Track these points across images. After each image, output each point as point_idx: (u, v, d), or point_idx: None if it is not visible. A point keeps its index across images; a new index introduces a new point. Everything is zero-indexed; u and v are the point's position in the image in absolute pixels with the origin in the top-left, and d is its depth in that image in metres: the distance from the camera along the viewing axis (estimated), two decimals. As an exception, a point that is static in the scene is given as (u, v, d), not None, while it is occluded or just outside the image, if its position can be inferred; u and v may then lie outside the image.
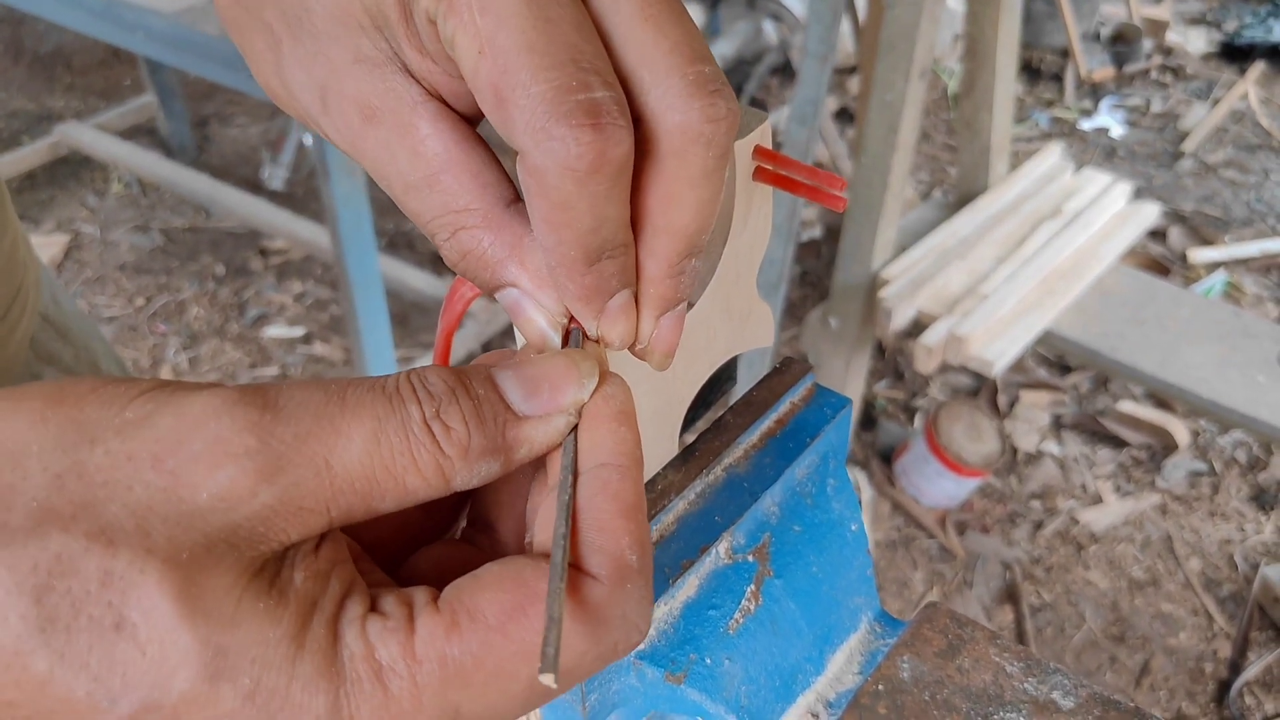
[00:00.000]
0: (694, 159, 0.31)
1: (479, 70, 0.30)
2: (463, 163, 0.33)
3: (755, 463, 0.45)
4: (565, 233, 0.31)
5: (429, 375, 0.29)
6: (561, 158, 0.29)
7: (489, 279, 0.34)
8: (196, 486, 0.26)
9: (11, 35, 3.82)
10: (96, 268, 2.90)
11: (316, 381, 0.29)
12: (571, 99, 0.29)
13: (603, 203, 0.31)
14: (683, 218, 0.32)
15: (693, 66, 0.31)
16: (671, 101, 0.31)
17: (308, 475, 0.27)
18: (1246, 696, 1.96)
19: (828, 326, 2.18)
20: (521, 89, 0.29)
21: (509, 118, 0.30)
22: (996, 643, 0.43)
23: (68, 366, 0.75)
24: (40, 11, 2.06)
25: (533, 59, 0.29)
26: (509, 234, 0.33)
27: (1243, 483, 2.37)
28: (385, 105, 0.32)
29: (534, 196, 0.31)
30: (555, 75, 0.29)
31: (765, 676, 0.41)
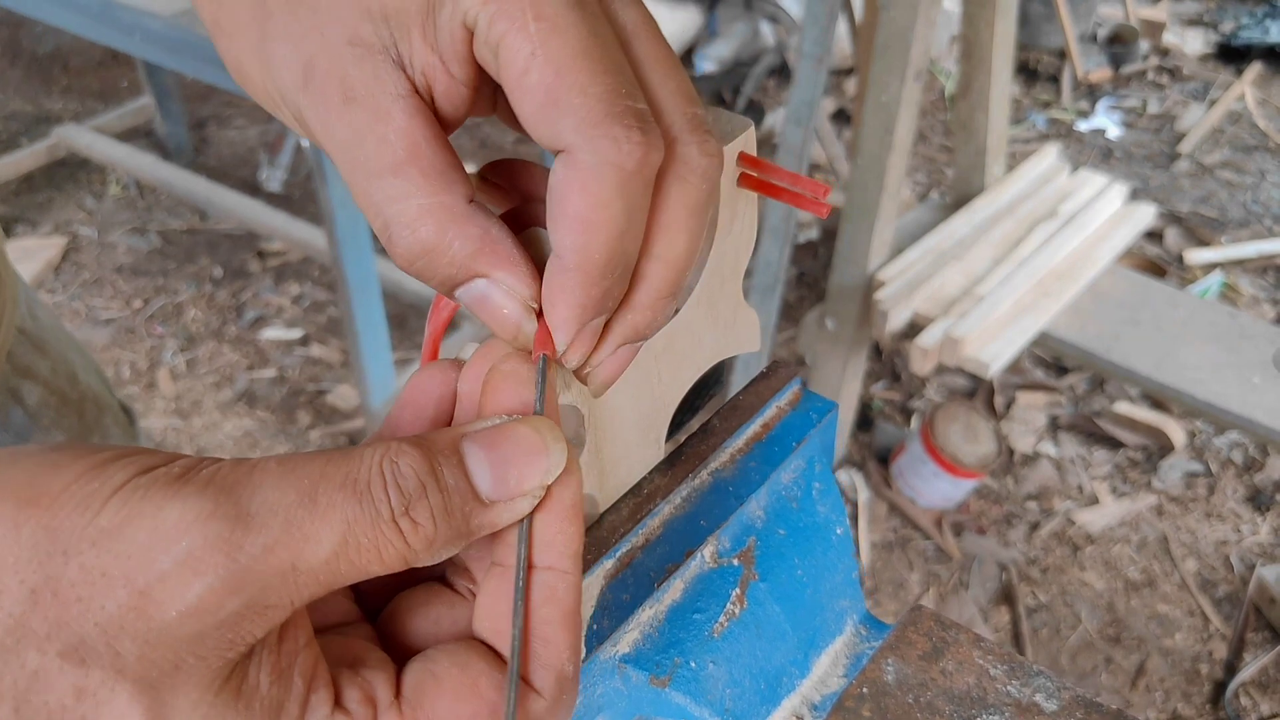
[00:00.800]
0: (693, 188, 0.34)
1: (530, 70, 0.31)
2: (431, 158, 0.33)
3: (741, 467, 0.45)
4: (596, 235, 0.32)
5: (401, 465, 0.30)
6: (613, 155, 0.31)
7: (454, 274, 0.34)
8: (166, 604, 0.26)
9: (9, 37, 3.82)
10: (94, 270, 2.90)
11: (291, 471, 0.29)
12: (622, 103, 0.32)
13: (634, 211, 0.33)
14: (677, 247, 0.34)
15: (692, 108, 0.34)
16: (679, 134, 0.34)
17: (274, 581, 0.28)
18: (1242, 697, 1.96)
19: (824, 328, 2.19)
20: (578, 89, 0.31)
21: (558, 116, 0.31)
22: (980, 645, 0.43)
23: (45, 379, 0.75)
24: (38, 14, 2.06)
25: (589, 64, 0.31)
26: (475, 227, 0.33)
27: (1239, 484, 2.37)
28: (367, 90, 0.33)
29: (571, 196, 0.32)
30: (609, 80, 0.32)
31: (750, 679, 0.42)
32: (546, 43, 0.31)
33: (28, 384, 0.73)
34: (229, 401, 2.51)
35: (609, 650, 0.39)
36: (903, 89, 1.88)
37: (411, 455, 0.30)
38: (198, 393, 2.54)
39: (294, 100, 0.35)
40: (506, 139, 3.38)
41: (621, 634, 0.40)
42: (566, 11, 0.31)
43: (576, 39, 0.31)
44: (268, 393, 2.53)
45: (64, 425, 0.76)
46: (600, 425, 0.40)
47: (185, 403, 2.51)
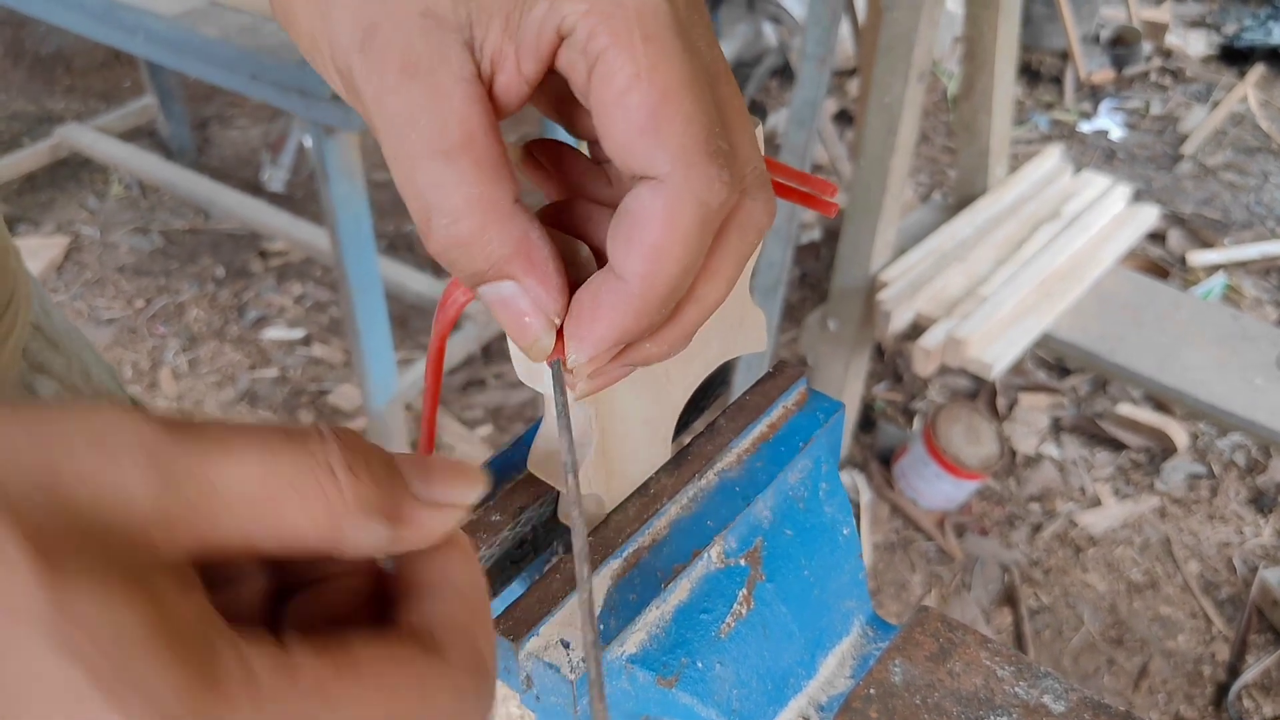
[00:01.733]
0: (748, 241, 0.35)
1: (632, 91, 0.31)
2: (485, 149, 0.32)
3: (748, 467, 0.45)
4: (667, 266, 0.32)
5: (340, 429, 0.29)
6: (704, 191, 0.31)
7: (485, 271, 0.33)
8: (74, 486, 0.24)
9: (12, 37, 3.83)
10: (96, 270, 2.90)
11: (219, 420, 0.27)
12: (716, 143, 0.32)
13: (704, 247, 0.33)
14: (717, 293, 0.35)
15: (761, 162, 0.35)
16: (749, 185, 0.34)
17: (190, 492, 0.26)
18: (1245, 699, 1.96)
19: (827, 329, 2.18)
20: (684, 119, 0.31)
21: (657, 143, 0.31)
22: (987, 647, 0.43)
23: (60, 375, 0.75)
24: (41, 14, 2.06)
25: (692, 95, 0.31)
26: (515, 228, 0.33)
27: (1241, 485, 2.37)
28: (430, 66, 0.32)
29: (653, 223, 0.32)
30: (709, 116, 0.32)
31: (757, 680, 0.42)
32: (654, 66, 0.31)
33: (42, 379, 0.73)
34: (231, 401, 2.51)
35: (616, 650, 0.39)
36: (905, 90, 1.88)
37: (346, 429, 0.29)
38: (200, 392, 2.54)
39: (346, 58, 0.33)
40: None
41: (628, 634, 0.39)
42: (673, 38, 0.31)
43: (681, 67, 0.31)
44: (270, 393, 2.53)
45: None
46: (608, 425, 0.40)
47: (187, 402, 2.51)
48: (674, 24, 0.31)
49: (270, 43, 1.76)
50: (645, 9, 0.31)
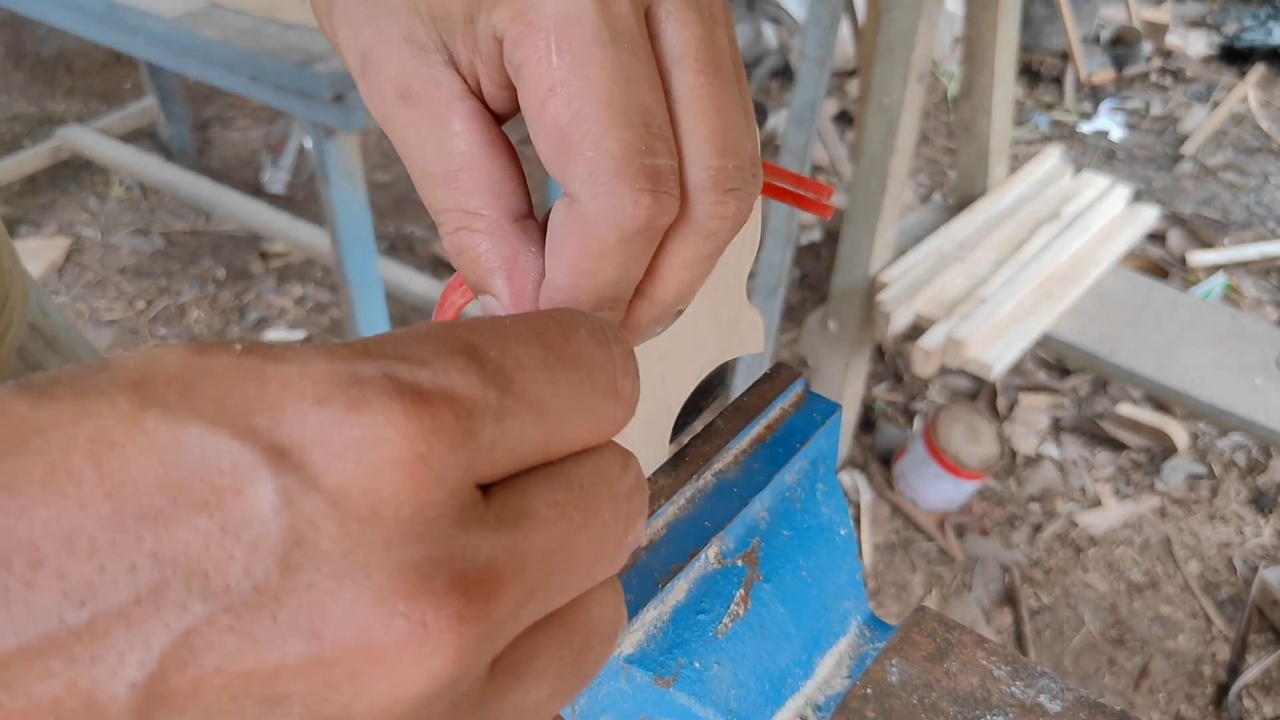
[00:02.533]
0: (693, 246, 0.33)
1: (546, 108, 0.30)
2: (484, 166, 0.33)
3: (745, 468, 0.45)
4: (586, 281, 0.32)
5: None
6: (615, 216, 0.30)
7: (475, 282, 0.35)
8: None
9: (13, 39, 3.83)
10: (97, 271, 2.91)
11: None
12: (638, 162, 0.30)
13: (631, 263, 0.32)
14: (666, 294, 0.34)
15: (720, 160, 0.32)
16: (695, 190, 0.32)
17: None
18: (1245, 699, 1.96)
19: (827, 329, 2.19)
20: (591, 141, 0.30)
21: (569, 162, 0.30)
22: (984, 647, 0.43)
23: None
24: (41, 16, 2.06)
25: (608, 115, 0.30)
26: (507, 247, 0.33)
27: (1241, 486, 2.37)
28: (424, 91, 0.33)
29: (569, 240, 0.31)
30: (627, 135, 0.30)
31: (754, 680, 0.42)
32: (566, 81, 0.30)
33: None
34: (232, 403, 2.51)
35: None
36: (905, 91, 1.88)
37: None
38: (201, 394, 2.54)
39: (356, 82, 0.35)
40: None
41: (625, 634, 0.40)
42: (594, 48, 0.30)
43: (600, 81, 0.30)
44: (270, 394, 2.53)
45: None
46: (605, 426, 0.40)
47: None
48: (599, 29, 0.30)
49: (270, 45, 1.76)
50: (565, 17, 0.30)
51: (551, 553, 0.23)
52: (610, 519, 0.25)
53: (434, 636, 0.21)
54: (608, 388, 0.26)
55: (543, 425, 0.24)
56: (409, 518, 0.21)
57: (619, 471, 0.26)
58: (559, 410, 0.24)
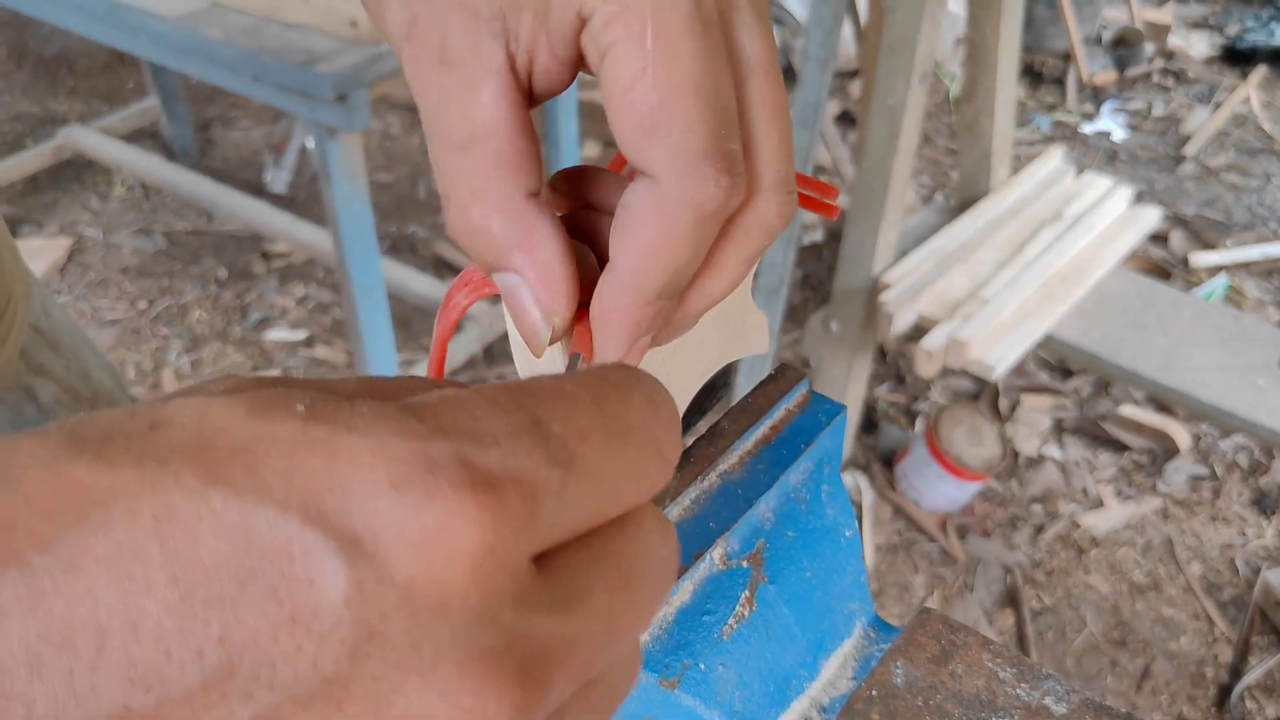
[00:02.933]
0: (754, 242, 0.35)
1: (635, 88, 0.31)
2: (504, 141, 0.33)
3: (750, 469, 0.45)
4: (658, 265, 0.32)
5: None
6: (697, 195, 0.31)
7: (492, 260, 0.34)
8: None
9: (15, 39, 3.83)
10: (99, 271, 2.91)
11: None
12: (720, 146, 0.31)
13: (700, 249, 0.33)
14: (720, 286, 0.35)
15: (786, 164, 0.34)
16: (763, 187, 0.34)
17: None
18: (1248, 701, 1.96)
19: (829, 330, 2.19)
20: (681, 123, 0.31)
21: (653, 144, 0.31)
22: (989, 648, 0.43)
23: (59, 377, 0.75)
24: (44, 15, 2.06)
25: (696, 101, 0.31)
26: (521, 222, 0.33)
27: (1244, 487, 2.37)
28: (463, 57, 0.33)
29: (646, 221, 0.32)
30: (712, 120, 0.31)
31: (759, 682, 0.42)
32: (659, 64, 0.31)
33: (41, 381, 0.73)
34: (234, 403, 2.51)
35: (618, 652, 0.39)
36: (908, 92, 1.88)
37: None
38: (202, 394, 2.54)
39: (397, 47, 0.35)
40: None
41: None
42: (687, 35, 0.31)
43: (690, 67, 0.31)
44: (272, 394, 2.53)
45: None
46: (610, 427, 0.40)
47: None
48: (692, 18, 0.31)
49: (272, 44, 1.76)
50: (661, 4, 0.31)
51: (600, 633, 0.24)
52: (651, 593, 0.26)
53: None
54: (655, 452, 0.26)
55: (597, 496, 0.24)
56: (474, 607, 0.21)
57: (660, 543, 0.26)
58: (613, 480, 0.24)
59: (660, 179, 0.31)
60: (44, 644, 0.18)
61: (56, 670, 0.18)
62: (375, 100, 1.78)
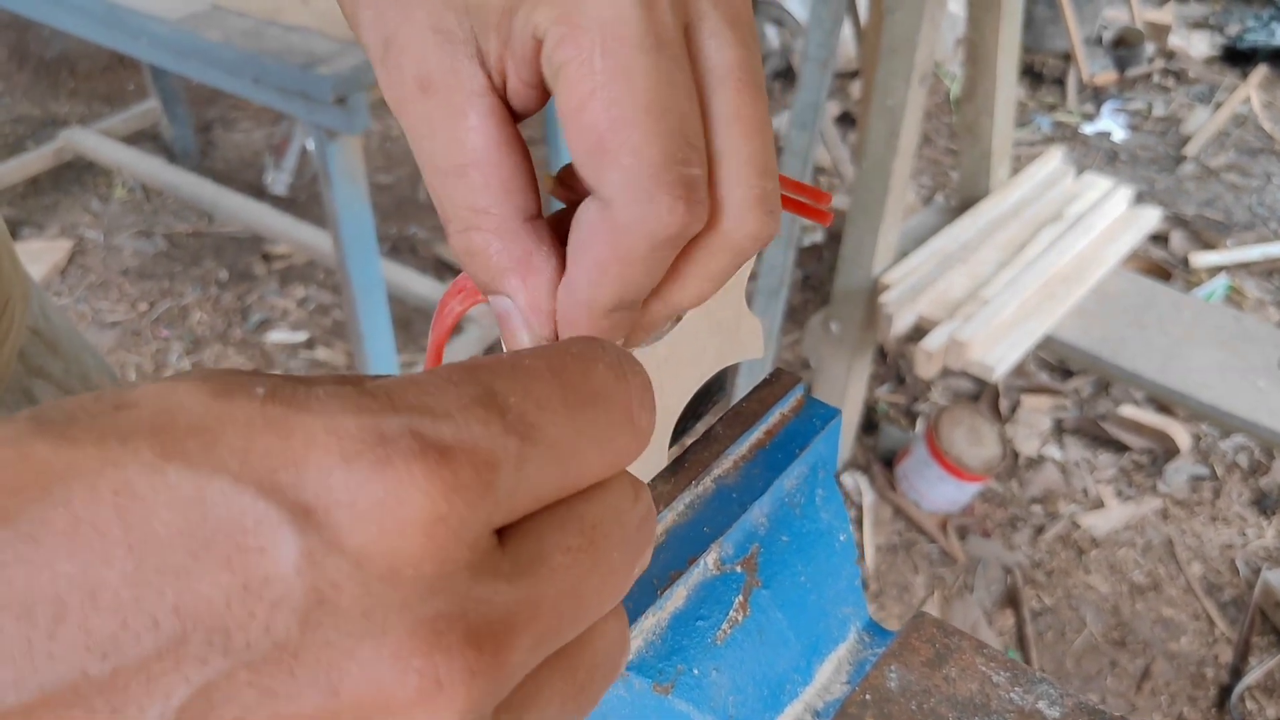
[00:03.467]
0: (719, 262, 0.34)
1: (585, 110, 0.30)
2: (496, 165, 0.32)
3: (744, 474, 0.46)
4: (610, 284, 0.32)
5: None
6: (651, 222, 0.30)
7: (487, 283, 0.34)
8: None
9: (16, 41, 3.84)
10: (100, 273, 2.91)
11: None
12: (675, 170, 0.30)
13: (657, 269, 0.32)
14: (682, 299, 0.35)
15: (760, 181, 0.33)
16: (730, 207, 0.32)
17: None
18: (1248, 701, 1.96)
19: (829, 331, 2.19)
20: (630, 148, 0.30)
21: (604, 166, 0.30)
22: (983, 652, 0.43)
23: (58, 380, 0.75)
24: (45, 18, 2.06)
25: (648, 121, 0.30)
26: (518, 247, 0.33)
27: (1244, 487, 2.37)
28: (444, 83, 0.32)
29: (597, 243, 0.31)
30: (666, 143, 0.30)
31: (753, 686, 0.42)
32: (609, 85, 0.30)
33: (40, 383, 0.73)
34: (234, 404, 2.52)
35: (612, 657, 0.39)
36: (908, 92, 1.88)
37: None
38: (203, 395, 2.54)
39: (374, 67, 0.34)
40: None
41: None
42: (638, 54, 0.30)
43: (642, 88, 0.30)
44: (273, 395, 2.54)
45: None
46: (604, 433, 0.40)
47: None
48: (643, 35, 0.30)
49: (273, 46, 1.77)
50: (611, 21, 0.30)
51: (563, 598, 0.24)
52: (619, 556, 0.26)
53: (447, 691, 0.21)
54: (624, 420, 0.26)
55: (561, 466, 0.24)
56: (427, 575, 0.21)
57: (630, 505, 0.26)
58: (577, 449, 0.24)
59: (612, 203, 0.31)
60: (3, 613, 0.19)
61: (15, 639, 0.19)
62: (375, 102, 1.78)
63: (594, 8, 0.30)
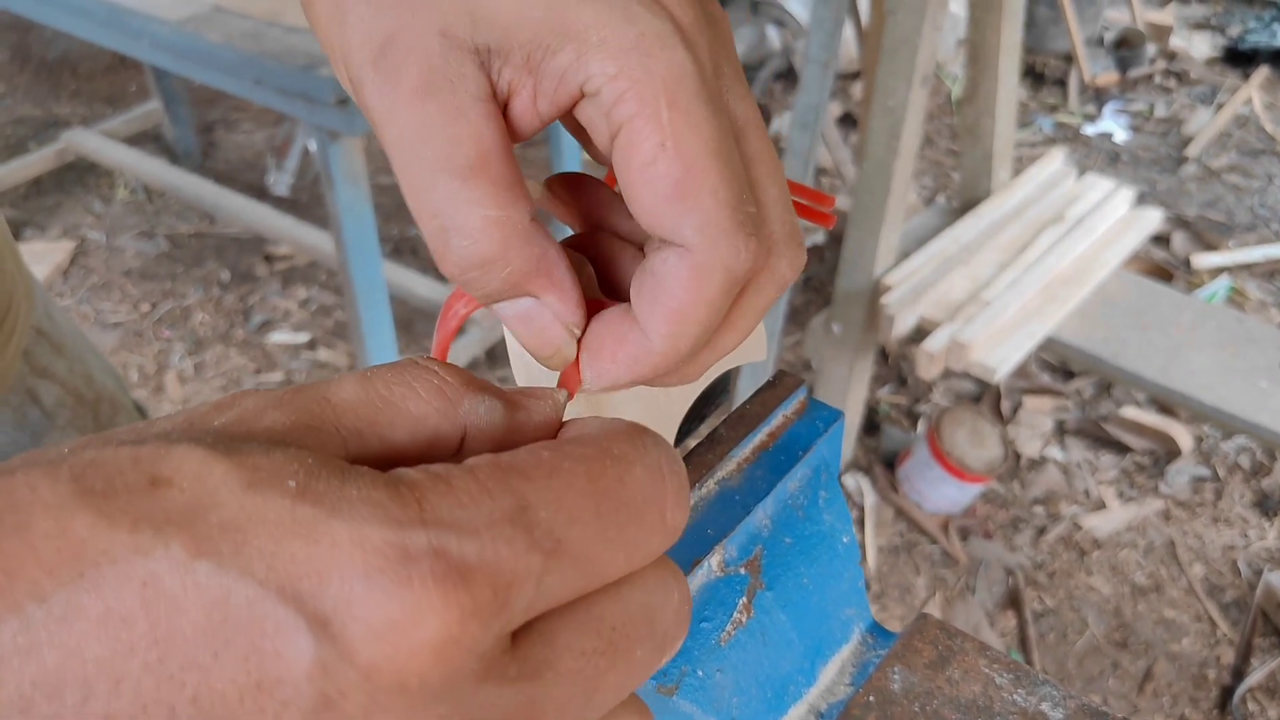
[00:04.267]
0: (767, 297, 0.35)
1: (658, 161, 0.31)
2: (501, 168, 0.32)
3: (748, 476, 0.46)
4: (691, 330, 0.33)
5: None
6: (731, 261, 0.32)
7: (510, 288, 0.33)
8: (208, 418, 0.26)
9: (18, 42, 3.84)
10: (102, 274, 2.91)
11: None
12: (744, 210, 0.32)
13: (725, 309, 0.33)
14: (730, 341, 0.36)
15: (791, 217, 0.35)
16: (775, 244, 0.34)
17: (309, 403, 0.26)
18: (1249, 703, 1.96)
19: (830, 332, 2.19)
20: (708, 191, 0.31)
21: (683, 213, 0.31)
22: (986, 654, 0.43)
23: (62, 380, 0.75)
24: (47, 19, 2.07)
25: (719, 166, 0.31)
26: (535, 247, 0.33)
27: (1246, 488, 2.37)
28: (448, 83, 0.32)
29: (678, 289, 0.32)
30: (735, 185, 0.32)
31: (757, 688, 0.42)
32: (679, 136, 0.31)
33: (44, 384, 0.73)
34: (236, 405, 2.52)
35: (616, 659, 0.39)
36: (909, 93, 1.88)
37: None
38: (205, 396, 2.55)
39: (359, 70, 0.33)
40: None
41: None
42: (700, 105, 0.31)
43: (708, 136, 0.31)
44: (275, 396, 2.54)
45: (79, 425, 0.76)
46: (608, 435, 0.40)
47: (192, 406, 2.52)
48: (702, 88, 0.31)
49: (274, 48, 1.77)
50: (673, 75, 0.31)
51: (573, 697, 0.24)
52: (644, 654, 0.26)
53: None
54: (656, 523, 0.26)
55: (584, 574, 0.24)
56: (433, 685, 0.22)
57: (663, 599, 0.26)
58: (603, 557, 0.25)
59: (692, 247, 0.32)
60: (36, 690, 0.20)
61: (44, 715, 0.20)
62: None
63: (655, 64, 0.31)
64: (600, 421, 0.28)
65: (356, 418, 0.27)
